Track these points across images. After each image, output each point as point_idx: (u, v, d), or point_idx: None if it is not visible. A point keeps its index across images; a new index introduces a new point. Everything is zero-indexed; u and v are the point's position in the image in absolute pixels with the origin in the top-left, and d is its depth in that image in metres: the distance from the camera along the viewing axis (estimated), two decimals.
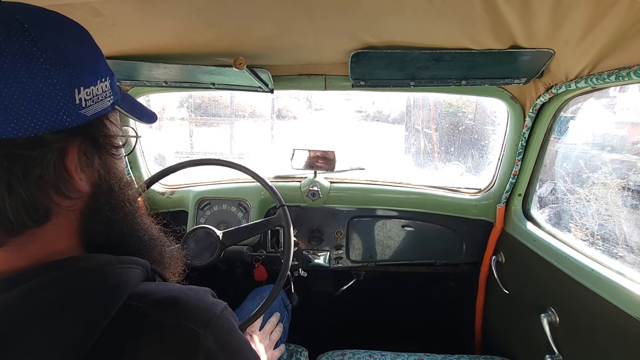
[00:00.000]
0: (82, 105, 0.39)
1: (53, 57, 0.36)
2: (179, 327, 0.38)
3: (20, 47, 0.34)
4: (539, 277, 1.12)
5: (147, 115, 0.55)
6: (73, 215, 0.42)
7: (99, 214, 0.44)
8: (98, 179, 0.44)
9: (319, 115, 4.93)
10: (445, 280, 1.76)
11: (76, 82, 0.38)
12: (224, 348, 0.40)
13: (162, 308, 0.39)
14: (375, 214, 1.50)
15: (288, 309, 1.32)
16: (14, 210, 0.35)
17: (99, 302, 0.36)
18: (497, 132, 1.36)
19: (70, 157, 0.39)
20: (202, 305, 0.41)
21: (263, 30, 0.86)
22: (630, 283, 0.81)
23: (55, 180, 0.37)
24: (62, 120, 0.37)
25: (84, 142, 0.40)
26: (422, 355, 1.21)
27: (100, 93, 0.42)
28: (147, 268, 0.45)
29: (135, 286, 0.40)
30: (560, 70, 0.93)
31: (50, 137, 0.36)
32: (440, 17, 0.76)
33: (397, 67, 1.02)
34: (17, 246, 0.37)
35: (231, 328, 0.43)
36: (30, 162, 0.35)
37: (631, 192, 1.10)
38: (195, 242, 1.11)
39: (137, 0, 0.70)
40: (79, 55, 0.39)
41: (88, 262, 0.40)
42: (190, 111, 3.65)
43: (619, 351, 0.82)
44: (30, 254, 0.38)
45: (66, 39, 0.39)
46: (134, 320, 0.38)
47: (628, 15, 0.66)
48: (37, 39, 0.36)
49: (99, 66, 0.42)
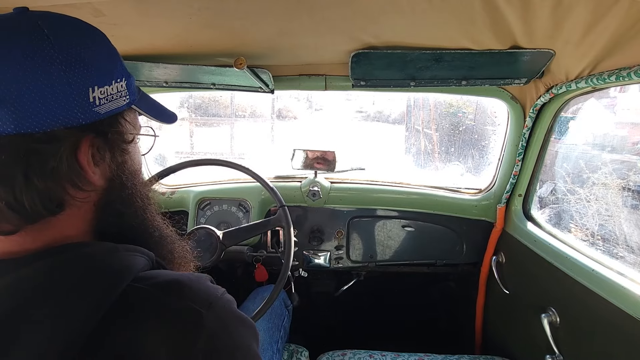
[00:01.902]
0: (96, 103, 0.42)
1: (69, 58, 0.39)
2: (182, 308, 0.39)
3: (39, 50, 0.38)
4: (539, 277, 1.12)
5: (166, 115, 0.58)
6: (86, 206, 0.44)
7: (111, 207, 0.46)
8: (111, 174, 0.46)
9: (319, 115, 4.93)
10: (445, 281, 1.76)
11: (90, 81, 0.41)
12: (225, 327, 0.41)
13: (165, 290, 0.40)
14: (375, 214, 1.50)
15: (289, 309, 1.33)
16: (29, 200, 0.37)
17: (103, 283, 0.38)
18: (497, 133, 1.36)
19: (83, 151, 0.41)
20: (204, 288, 0.43)
21: (264, 30, 0.86)
22: (630, 283, 0.81)
23: (68, 173, 0.40)
24: (76, 117, 0.40)
25: (96, 137, 0.43)
26: (423, 355, 1.21)
27: (115, 92, 0.44)
28: (152, 259, 0.46)
29: (139, 272, 0.42)
30: (561, 71, 0.93)
31: (64, 132, 0.39)
32: (440, 17, 0.76)
33: (398, 68, 1.02)
34: (32, 231, 0.40)
35: (232, 309, 0.44)
36: (45, 155, 0.38)
37: (631, 192, 1.10)
38: (196, 242, 1.11)
39: (138, 1, 0.70)
40: (94, 57, 0.42)
41: (95, 247, 0.42)
42: (190, 111, 3.65)
43: (619, 351, 0.82)
44: (43, 238, 0.40)
45: (82, 42, 0.42)
46: (138, 301, 0.39)
47: (628, 15, 0.66)
48: (55, 43, 0.39)
49: (115, 67, 0.46)
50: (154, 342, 0.36)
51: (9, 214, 0.37)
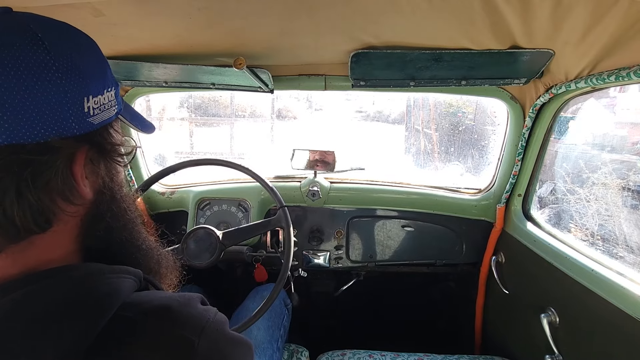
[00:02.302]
0: (90, 113, 0.40)
1: (65, 66, 0.37)
2: (172, 336, 0.38)
3: (34, 55, 0.35)
4: (539, 277, 1.12)
5: (146, 125, 0.57)
6: (74, 221, 0.42)
7: (100, 221, 0.44)
8: (101, 186, 0.44)
9: (319, 115, 4.92)
10: (445, 281, 1.76)
11: (85, 91, 0.39)
12: (219, 352, 0.40)
13: (154, 317, 0.39)
14: (375, 214, 1.50)
15: (288, 308, 1.33)
16: (20, 215, 0.35)
17: (89, 314, 0.36)
18: (497, 133, 1.36)
19: (78, 162, 0.39)
20: (195, 312, 0.41)
21: (263, 30, 0.86)
22: (630, 283, 0.81)
23: (62, 186, 0.38)
24: (71, 128, 0.38)
25: (91, 149, 0.41)
26: (422, 355, 1.21)
27: (107, 102, 0.43)
28: (140, 278, 0.44)
29: (127, 296, 0.40)
30: (560, 71, 0.93)
31: (59, 143, 0.37)
32: (440, 17, 0.76)
33: (397, 68, 1.02)
34: (13, 253, 0.37)
35: (224, 332, 0.43)
36: (39, 167, 0.36)
37: (631, 192, 1.10)
38: (195, 242, 1.11)
39: (138, 0, 0.70)
40: (88, 65, 0.40)
41: (79, 271, 0.39)
42: (190, 111, 3.65)
43: (619, 351, 0.82)
44: (25, 261, 0.38)
45: (77, 49, 0.40)
46: (126, 331, 0.37)
47: (628, 15, 0.66)
48: (50, 48, 0.36)
49: (106, 76, 0.44)
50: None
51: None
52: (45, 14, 0.40)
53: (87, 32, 0.44)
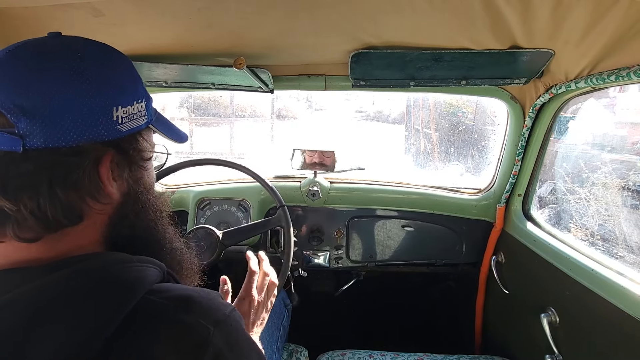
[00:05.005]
0: (118, 122, 0.45)
1: (99, 79, 0.43)
2: (192, 323, 0.40)
3: (75, 69, 0.42)
4: (539, 277, 1.12)
5: (178, 135, 0.60)
6: (102, 218, 0.46)
7: (125, 220, 0.49)
8: (127, 188, 0.49)
9: (319, 115, 4.93)
10: (445, 281, 1.76)
11: (115, 101, 0.44)
12: (231, 347, 0.42)
13: (177, 304, 0.42)
14: (375, 214, 1.50)
15: (288, 308, 1.33)
16: (52, 209, 0.40)
17: (118, 294, 0.40)
18: (497, 132, 1.36)
19: (104, 165, 0.44)
20: (213, 305, 0.44)
21: (263, 30, 0.86)
22: (630, 283, 0.81)
23: (89, 185, 0.43)
24: (100, 134, 0.43)
25: (117, 153, 0.45)
26: (422, 355, 1.21)
27: (136, 112, 0.48)
28: (164, 270, 0.47)
29: (152, 284, 0.43)
30: (560, 71, 0.93)
31: (88, 147, 0.42)
32: (440, 17, 0.76)
33: (397, 67, 1.02)
34: (50, 241, 0.42)
35: (239, 328, 0.45)
36: (69, 168, 0.41)
37: (631, 192, 1.10)
38: (195, 242, 1.11)
39: (138, 0, 0.70)
40: (120, 79, 0.47)
41: (110, 258, 0.44)
42: (190, 111, 3.65)
43: (619, 351, 0.82)
44: (60, 248, 0.43)
45: (110, 65, 0.47)
46: (151, 314, 0.40)
47: (628, 15, 0.66)
48: (87, 64, 0.43)
49: (137, 89, 0.49)
50: (163, 354, 0.38)
51: (32, 222, 0.40)
52: (45, 14, 0.41)
53: (87, 32, 0.46)
